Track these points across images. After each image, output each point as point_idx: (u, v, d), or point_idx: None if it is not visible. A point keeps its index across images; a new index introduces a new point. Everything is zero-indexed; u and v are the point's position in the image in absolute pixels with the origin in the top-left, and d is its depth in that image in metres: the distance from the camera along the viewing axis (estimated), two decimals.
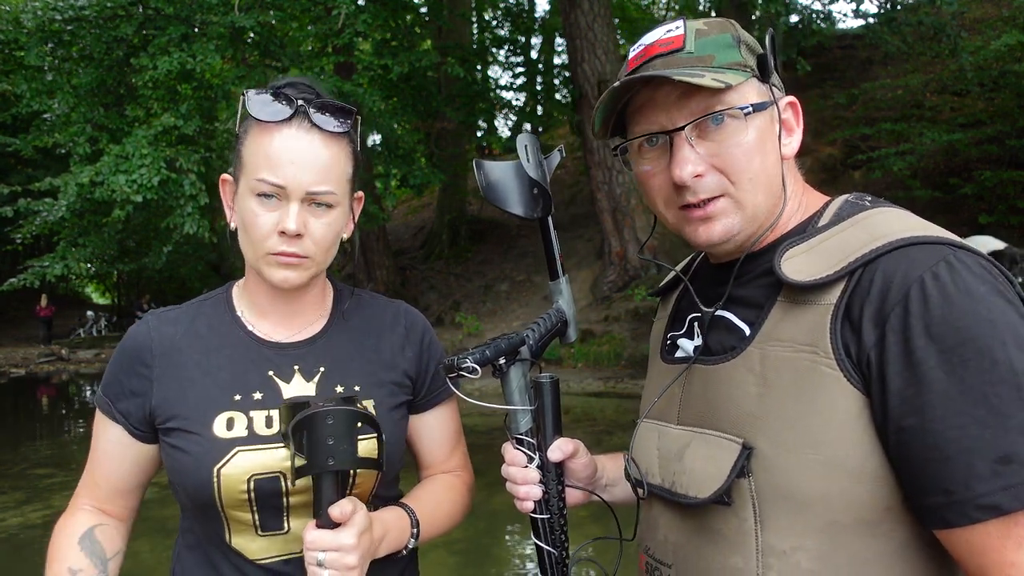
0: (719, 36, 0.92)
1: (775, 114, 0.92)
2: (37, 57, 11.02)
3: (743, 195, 0.91)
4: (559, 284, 1.15)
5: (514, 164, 1.07)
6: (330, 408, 1.01)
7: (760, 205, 0.92)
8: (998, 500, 0.71)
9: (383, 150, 13.97)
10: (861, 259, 0.81)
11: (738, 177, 0.90)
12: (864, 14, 18.22)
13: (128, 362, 1.18)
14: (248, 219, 1.11)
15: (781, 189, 0.93)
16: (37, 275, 10.71)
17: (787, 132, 0.95)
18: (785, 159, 0.94)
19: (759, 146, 0.90)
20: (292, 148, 1.08)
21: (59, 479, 7.00)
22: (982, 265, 0.79)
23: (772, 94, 0.92)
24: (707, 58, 0.90)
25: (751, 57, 0.92)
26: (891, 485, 0.79)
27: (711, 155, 0.90)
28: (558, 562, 1.07)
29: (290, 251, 1.09)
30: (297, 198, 1.08)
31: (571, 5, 12.95)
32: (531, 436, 1.06)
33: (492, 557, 4.74)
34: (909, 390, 0.75)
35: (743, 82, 0.89)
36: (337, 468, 1.01)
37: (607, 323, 12.61)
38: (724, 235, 0.93)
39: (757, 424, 0.85)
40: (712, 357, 0.93)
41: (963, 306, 0.74)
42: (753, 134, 0.90)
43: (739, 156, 0.89)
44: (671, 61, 0.91)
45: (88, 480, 1.23)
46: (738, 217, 0.92)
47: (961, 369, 0.73)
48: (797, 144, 0.96)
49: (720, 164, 0.90)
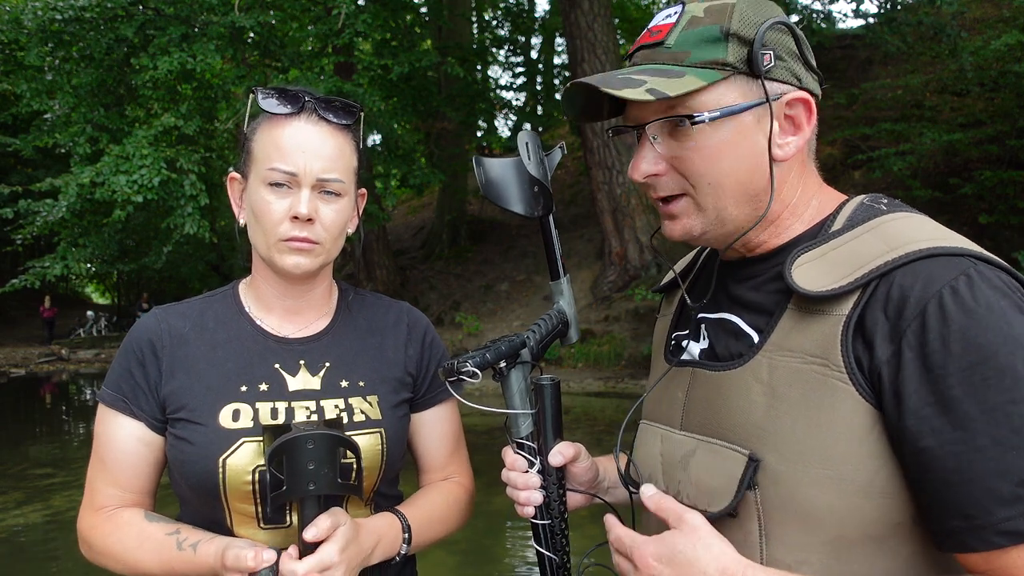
0: (705, 28, 0.86)
1: (767, 112, 0.85)
2: (37, 57, 11.00)
3: (703, 199, 0.88)
4: (560, 284, 1.14)
5: (514, 161, 1.05)
6: (311, 433, 1.01)
7: (726, 210, 0.88)
8: (1021, 525, 0.69)
9: (383, 150, 13.97)
10: (876, 271, 0.78)
11: (696, 181, 0.87)
12: (864, 14, 18.23)
13: (140, 354, 1.18)
14: (260, 207, 1.14)
15: (764, 192, 0.87)
16: (37, 276, 10.70)
17: (789, 131, 0.88)
18: (777, 161, 0.87)
19: (728, 150, 0.85)
20: (302, 138, 1.13)
21: (59, 479, 7.00)
22: (1002, 279, 0.76)
23: (765, 91, 0.85)
24: (681, 55, 0.86)
25: (741, 51, 0.85)
26: (901, 501, 0.77)
27: (672, 155, 0.88)
28: (560, 568, 1.06)
29: (302, 236, 1.13)
30: (308, 184, 1.12)
31: (571, 5, 12.94)
32: (532, 440, 1.05)
33: (492, 557, 4.73)
34: (926, 409, 0.73)
35: (717, 82, 0.84)
36: (317, 493, 1.02)
37: (607, 323, 12.60)
38: (684, 234, 0.91)
39: (764, 436, 0.83)
40: (718, 363, 0.91)
41: (983, 322, 0.72)
42: (720, 138, 0.85)
43: (696, 161, 0.86)
44: (650, 55, 0.89)
45: (104, 488, 1.19)
46: (699, 219, 0.90)
47: (982, 388, 0.70)
48: (800, 144, 0.88)
49: (679, 166, 0.88)
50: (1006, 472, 0.69)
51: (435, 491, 1.32)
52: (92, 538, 1.16)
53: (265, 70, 11.62)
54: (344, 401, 1.21)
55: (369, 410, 1.21)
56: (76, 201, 9.95)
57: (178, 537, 1.11)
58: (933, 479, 0.73)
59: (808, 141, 0.90)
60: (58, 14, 10.50)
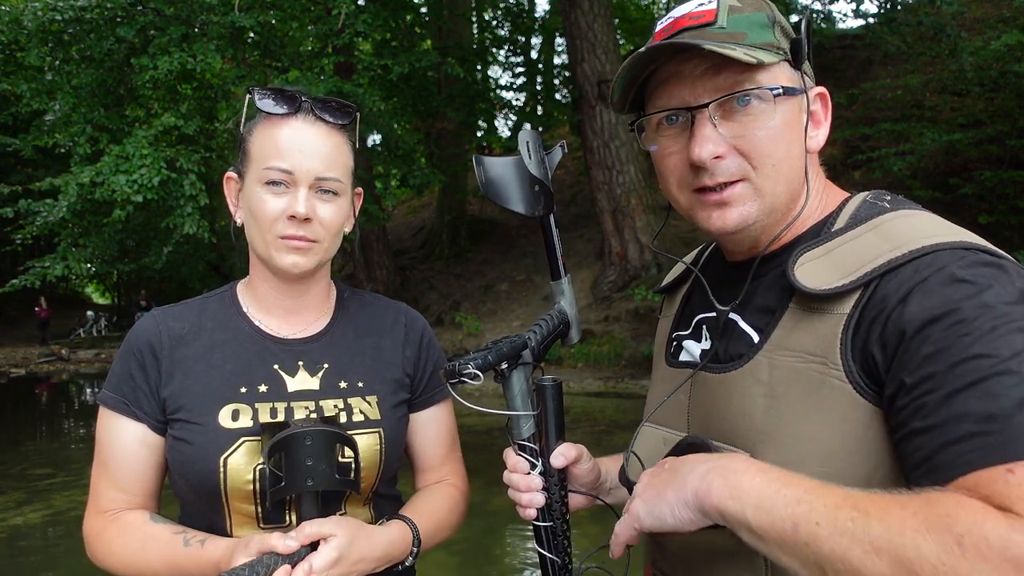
0: (753, 15, 0.87)
1: (803, 103, 0.87)
2: (37, 58, 10.99)
3: (764, 182, 0.86)
4: (561, 284, 1.13)
5: (515, 160, 1.04)
6: (309, 429, 1.01)
7: (780, 196, 0.88)
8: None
9: (383, 150, 13.95)
10: (878, 270, 0.78)
11: (761, 162, 0.86)
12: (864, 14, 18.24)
13: (140, 357, 1.18)
14: (257, 206, 1.14)
15: (803, 183, 0.89)
16: (38, 275, 10.69)
17: (815, 125, 0.90)
18: (810, 152, 0.90)
19: (785, 133, 0.86)
20: (299, 137, 1.14)
21: (59, 479, 6.99)
22: (998, 271, 0.74)
23: (803, 82, 0.87)
24: (739, 35, 0.85)
25: (784, 40, 0.87)
26: None
27: (734, 136, 0.86)
28: (561, 569, 1.05)
29: (299, 234, 1.13)
30: (305, 184, 1.13)
31: (571, 5, 12.93)
32: (533, 442, 1.04)
33: (492, 557, 4.73)
34: (915, 372, 0.71)
35: (775, 63, 0.85)
36: (315, 488, 1.02)
37: (607, 323, 12.60)
38: (739, 223, 0.89)
39: (764, 437, 0.82)
40: (719, 365, 0.91)
41: (964, 288, 0.71)
42: (780, 119, 0.86)
43: (764, 140, 0.85)
44: (701, 35, 0.86)
45: (107, 491, 1.18)
46: (755, 205, 0.88)
47: (959, 342, 0.69)
48: (823, 138, 0.91)
49: (743, 147, 0.86)
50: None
51: (438, 496, 1.32)
52: (98, 542, 1.16)
53: (265, 70, 11.61)
54: (343, 401, 1.21)
55: (368, 410, 1.21)
56: (76, 201, 9.94)
57: (185, 535, 1.11)
58: (911, 429, 0.71)
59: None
60: (58, 14, 10.49)
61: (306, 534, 1.01)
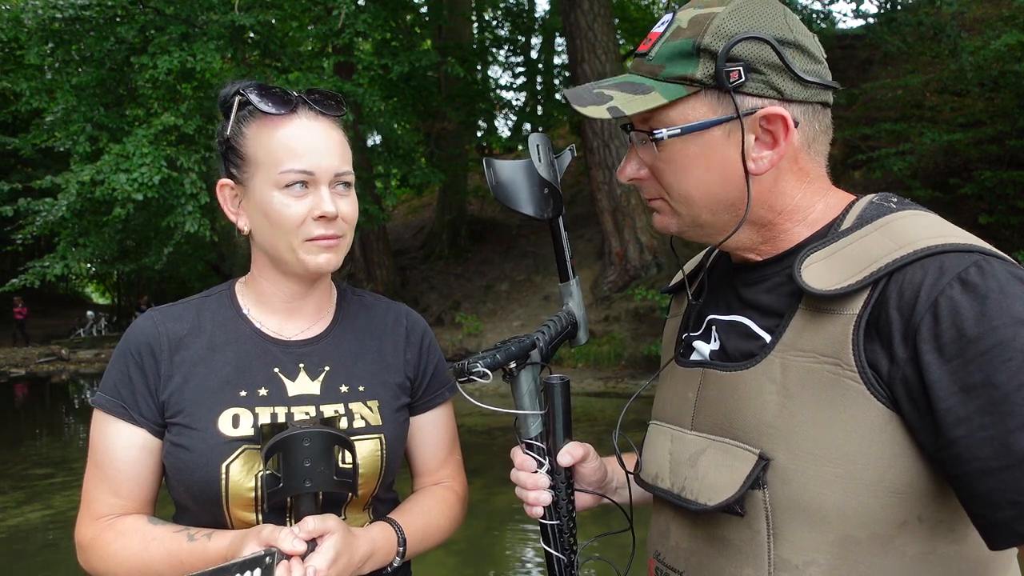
0: (681, 42, 0.86)
1: (740, 127, 0.85)
2: (37, 57, 10.99)
3: (677, 206, 0.92)
4: (569, 286, 1.14)
5: (524, 163, 1.05)
6: (307, 430, 1.00)
7: (700, 217, 0.91)
8: None
9: (383, 150, 13.97)
10: (885, 268, 0.78)
11: (669, 190, 0.91)
12: (864, 14, 18.21)
13: (139, 358, 1.15)
14: (278, 212, 1.11)
15: (741, 202, 0.88)
16: (37, 275, 10.69)
17: (767, 145, 0.86)
18: (752, 174, 0.86)
19: (696, 164, 0.87)
20: (309, 136, 1.12)
21: (59, 479, 7.00)
22: (1011, 269, 0.75)
23: (736, 106, 0.84)
24: (656, 69, 0.88)
25: (710, 66, 0.84)
26: (908, 499, 0.78)
27: (650, 163, 0.92)
28: (568, 567, 1.06)
29: (329, 233, 1.13)
30: (326, 181, 1.12)
31: (571, 5, 12.94)
32: (541, 441, 1.05)
33: (492, 557, 4.73)
34: (951, 400, 0.72)
35: (667, 104, 0.85)
36: (314, 490, 1.01)
37: (607, 323, 12.60)
38: (663, 230, 0.97)
39: (776, 435, 0.83)
40: (730, 363, 0.91)
41: (997, 306, 0.71)
42: (688, 152, 0.87)
43: (667, 173, 0.90)
44: (637, 65, 0.91)
45: (103, 497, 1.15)
46: (674, 220, 0.94)
47: (1003, 370, 0.70)
48: (775, 159, 0.86)
49: (655, 174, 0.92)
50: None
51: (431, 498, 1.29)
52: (93, 547, 1.12)
53: (265, 70, 11.61)
54: (344, 406, 1.18)
55: (369, 415, 1.20)
56: (76, 200, 9.94)
57: (188, 532, 1.09)
58: (970, 471, 0.72)
59: (786, 155, 0.87)
60: (58, 13, 10.49)
61: (308, 530, 1.00)
